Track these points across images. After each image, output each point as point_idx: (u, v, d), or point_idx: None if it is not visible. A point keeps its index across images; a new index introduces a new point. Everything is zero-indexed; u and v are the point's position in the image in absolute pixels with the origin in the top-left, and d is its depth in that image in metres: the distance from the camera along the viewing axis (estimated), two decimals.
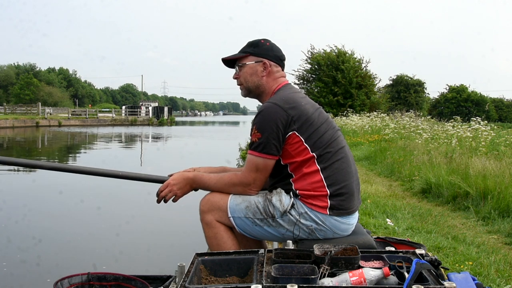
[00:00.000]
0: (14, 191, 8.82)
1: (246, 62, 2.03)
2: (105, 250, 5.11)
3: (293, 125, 1.84)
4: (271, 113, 1.84)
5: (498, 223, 4.34)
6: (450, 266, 2.99)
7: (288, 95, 1.92)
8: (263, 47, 2.03)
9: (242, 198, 1.95)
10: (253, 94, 2.07)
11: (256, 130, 1.87)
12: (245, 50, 2.04)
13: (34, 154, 17.74)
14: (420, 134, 10.69)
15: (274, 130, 1.83)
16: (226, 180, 1.95)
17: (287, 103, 1.86)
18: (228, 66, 2.12)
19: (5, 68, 67.32)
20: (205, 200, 1.99)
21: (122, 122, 47.48)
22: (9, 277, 4.25)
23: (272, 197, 1.91)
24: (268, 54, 2.02)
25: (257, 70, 2.01)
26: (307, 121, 1.86)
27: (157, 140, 27.59)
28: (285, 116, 1.83)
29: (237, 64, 2.06)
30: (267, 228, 1.91)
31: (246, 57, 2.03)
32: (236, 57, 2.05)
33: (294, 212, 1.87)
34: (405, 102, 34.75)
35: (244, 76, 2.04)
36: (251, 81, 2.03)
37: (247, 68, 2.02)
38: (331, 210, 1.85)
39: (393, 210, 4.85)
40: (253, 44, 2.04)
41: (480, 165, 5.82)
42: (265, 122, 1.84)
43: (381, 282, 1.46)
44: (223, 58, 2.09)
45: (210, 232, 1.96)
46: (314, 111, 1.91)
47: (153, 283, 2.12)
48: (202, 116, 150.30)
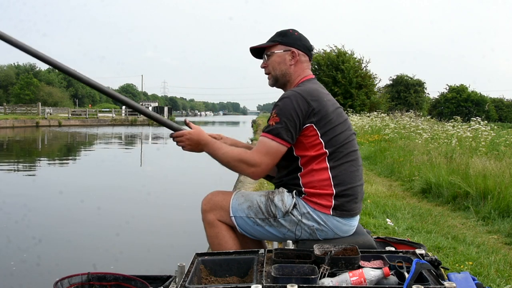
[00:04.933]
0: (14, 191, 8.81)
1: (275, 50, 2.02)
2: (105, 250, 5.11)
3: (312, 117, 1.84)
4: (293, 101, 1.84)
5: (498, 223, 4.34)
6: (450, 266, 2.99)
7: (313, 88, 1.92)
8: (292, 36, 2.03)
9: (244, 198, 1.94)
10: (280, 83, 2.06)
11: (275, 114, 1.85)
12: (273, 39, 2.04)
13: (34, 154, 17.74)
14: (420, 134, 10.69)
15: (293, 117, 1.82)
16: (235, 154, 1.91)
17: (310, 95, 1.86)
18: (255, 56, 2.12)
19: (5, 68, 67.25)
20: (207, 199, 1.98)
21: (122, 122, 47.48)
22: (9, 277, 4.25)
23: (274, 197, 1.90)
24: (296, 43, 2.02)
25: (285, 59, 2.01)
26: (326, 117, 1.86)
27: (157, 140, 27.57)
28: (306, 106, 1.83)
29: (265, 53, 2.06)
30: (269, 228, 1.90)
31: (274, 46, 2.03)
32: (264, 46, 2.05)
33: (296, 212, 1.86)
34: (405, 102, 34.74)
35: (273, 64, 2.03)
36: (279, 69, 2.02)
37: (275, 56, 2.02)
38: (334, 211, 1.85)
39: (393, 210, 4.85)
40: (281, 34, 2.04)
41: (480, 165, 5.82)
42: (285, 108, 1.84)
43: (381, 282, 1.45)
44: (251, 47, 2.08)
45: (211, 231, 1.95)
46: (334, 109, 1.91)
47: (153, 283, 2.12)
48: (202, 116, 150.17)
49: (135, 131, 35.19)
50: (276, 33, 2.07)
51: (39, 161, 15.27)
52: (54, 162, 15.21)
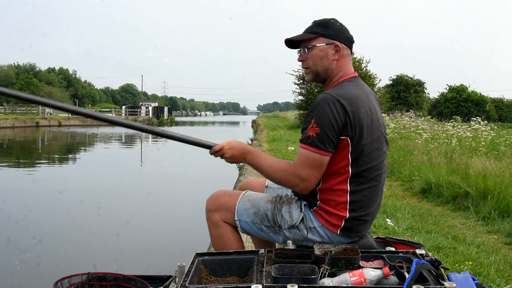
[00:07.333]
0: (14, 191, 8.81)
1: (316, 44, 1.83)
2: (105, 250, 5.11)
3: (348, 129, 1.69)
4: (332, 108, 1.68)
5: (498, 223, 4.34)
6: (450, 266, 2.99)
7: (352, 93, 1.75)
8: (334, 27, 1.84)
9: (251, 203, 1.89)
10: (321, 78, 1.89)
11: (314, 123, 1.69)
12: (314, 31, 1.84)
13: (34, 154, 17.74)
14: (420, 134, 10.68)
15: (334, 126, 1.68)
16: (283, 166, 1.77)
17: (349, 103, 1.70)
18: (290, 47, 1.94)
19: (5, 68, 67.28)
20: (212, 199, 1.94)
21: None
22: (9, 277, 4.25)
23: (282, 208, 1.85)
24: (340, 35, 1.83)
25: (328, 53, 1.82)
26: (360, 132, 1.71)
27: (157, 140, 27.57)
28: (344, 115, 1.68)
29: (304, 45, 1.86)
30: (273, 235, 1.87)
31: (315, 38, 1.83)
32: (304, 39, 1.86)
33: (302, 226, 1.81)
34: (405, 102, 34.68)
35: (314, 59, 1.85)
36: (321, 64, 1.84)
37: (317, 50, 1.83)
38: (342, 231, 1.78)
39: (393, 210, 4.85)
40: (322, 24, 1.84)
41: (480, 165, 5.82)
42: (325, 115, 1.68)
43: (382, 282, 1.45)
44: (288, 38, 1.89)
45: (215, 232, 1.91)
46: (370, 122, 1.75)
47: (153, 283, 2.13)
48: (202, 116, 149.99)
49: (135, 131, 35.12)
50: (315, 23, 1.87)
51: (39, 161, 15.27)
52: (54, 162, 15.20)
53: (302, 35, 1.87)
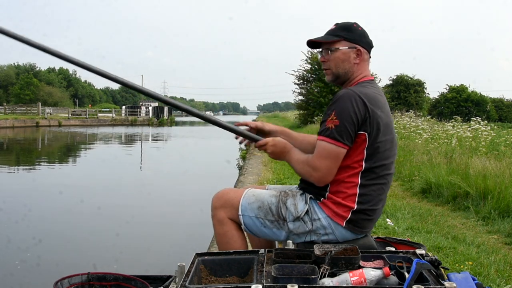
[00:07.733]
0: (14, 191, 8.82)
1: (339, 47, 1.89)
2: (105, 250, 5.11)
3: (367, 124, 1.75)
4: (353, 102, 1.74)
5: (498, 223, 4.34)
6: (450, 266, 2.99)
7: (371, 93, 1.82)
8: (357, 32, 1.89)
9: (255, 197, 1.90)
10: (340, 80, 1.95)
11: (334, 116, 1.75)
12: (337, 34, 1.89)
13: (34, 154, 17.74)
14: (420, 134, 10.68)
15: (353, 120, 1.73)
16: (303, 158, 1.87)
17: (369, 100, 1.76)
18: (311, 47, 2.01)
19: (5, 68, 67.21)
20: (218, 196, 1.94)
21: (122, 122, 47.42)
22: (9, 277, 4.25)
23: (287, 200, 1.87)
24: (361, 40, 1.89)
25: (349, 57, 1.88)
26: (378, 129, 1.77)
27: (157, 140, 27.57)
28: (364, 110, 1.74)
29: (327, 47, 1.91)
30: (276, 230, 1.87)
31: (338, 41, 1.89)
32: (328, 41, 1.91)
33: (307, 218, 1.83)
34: (405, 102, 34.69)
35: (336, 61, 1.90)
36: (342, 67, 1.90)
37: (339, 53, 1.89)
38: (348, 224, 1.80)
39: (393, 210, 4.85)
40: (345, 28, 1.90)
41: (480, 165, 5.82)
42: (345, 109, 1.74)
43: (382, 282, 1.45)
44: (311, 39, 1.93)
45: (220, 229, 1.91)
46: (386, 122, 1.82)
47: (153, 283, 2.13)
48: None
49: (135, 131, 35.18)
50: (338, 26, 1.92)
51: (39, 161, 15.27)
52: (54, 162, 15.21)
53: (325, 37, 1.92)
